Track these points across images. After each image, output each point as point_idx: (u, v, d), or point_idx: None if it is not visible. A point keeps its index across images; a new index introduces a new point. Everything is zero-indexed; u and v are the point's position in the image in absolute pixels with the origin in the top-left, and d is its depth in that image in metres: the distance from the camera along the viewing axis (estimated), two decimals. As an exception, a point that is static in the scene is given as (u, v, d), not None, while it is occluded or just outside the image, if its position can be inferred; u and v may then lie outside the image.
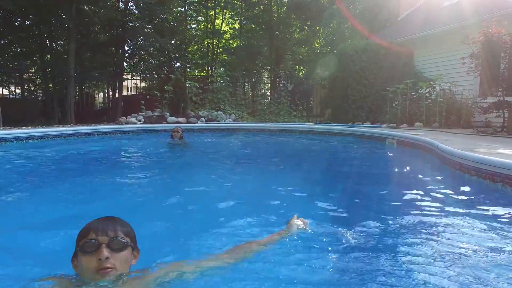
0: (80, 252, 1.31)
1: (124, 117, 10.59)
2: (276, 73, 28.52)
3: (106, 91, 30.12)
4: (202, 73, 32.15)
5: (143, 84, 36.22)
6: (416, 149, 5.36)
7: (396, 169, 4.39)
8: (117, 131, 8.49)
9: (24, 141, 6.73)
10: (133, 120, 10.12)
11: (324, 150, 6.53)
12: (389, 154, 5.94)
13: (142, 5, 24.20)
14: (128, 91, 33.43)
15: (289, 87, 25.18)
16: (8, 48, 20.86)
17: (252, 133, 8.98)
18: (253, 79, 19.80)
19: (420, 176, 3.93)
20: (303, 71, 34.42)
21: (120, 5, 24.50)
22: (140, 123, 10.00)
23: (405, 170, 4.27)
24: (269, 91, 23.02)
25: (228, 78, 11.88)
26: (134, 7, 26.27)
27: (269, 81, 25.54)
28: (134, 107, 21.91)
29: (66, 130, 7.48)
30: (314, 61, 27.01)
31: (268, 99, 12.80)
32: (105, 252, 1.27)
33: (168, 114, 10.53)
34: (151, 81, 33.65)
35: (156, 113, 10.88)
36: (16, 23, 20.70)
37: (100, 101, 29.98)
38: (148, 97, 28.11)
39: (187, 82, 11.26)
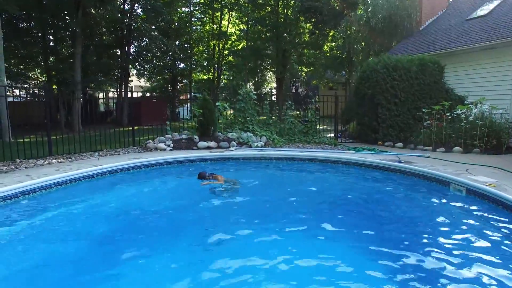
0: None
1: (151, 142, 10.03)
2: (282, 77, 28.05)
3: (110, 91, 29.37)
4: (208, 76, 31.60)
5: (147, 85, 35.48)
6: (499, 207, 4.98)
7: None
8: (151, 164, 8.03)
9: (63, 185, 6.28)
10: (162, 145, 9.58)
11: (391, 199, 6.03)
12: (468, 215, 5.08)
13: (149, 6, 23.61)
14: (132, 92, 32.86)
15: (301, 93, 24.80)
16: (13, 52, 20.18)
17: (297, 163, 8.37)
18: (260, 91, 19.30)
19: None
20: (305, 74, 34.01)
21: (126, 7, 23.90)
22: (170, 149, 9.50)
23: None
24: (274, 95, 22.47)
25: (255, 96, 11.39)
26: (140, 8, 25.69)
27: (275, 83, 25.06)
28: (140, 110, 21.45)
29: (102, 168, 7.02)
30: (325, 65, 26.60)
31: (269, 106, 12.00)
32: None
33: (197, 138, 10.04)
34: (157, 82, 33.07)
35: (184, 136, 10.37)
36: (20, 26, 20.02)
37: (102, 101, 29.36)
38: (154, 100, 27.60)
39: (216, 104, 10.77)
